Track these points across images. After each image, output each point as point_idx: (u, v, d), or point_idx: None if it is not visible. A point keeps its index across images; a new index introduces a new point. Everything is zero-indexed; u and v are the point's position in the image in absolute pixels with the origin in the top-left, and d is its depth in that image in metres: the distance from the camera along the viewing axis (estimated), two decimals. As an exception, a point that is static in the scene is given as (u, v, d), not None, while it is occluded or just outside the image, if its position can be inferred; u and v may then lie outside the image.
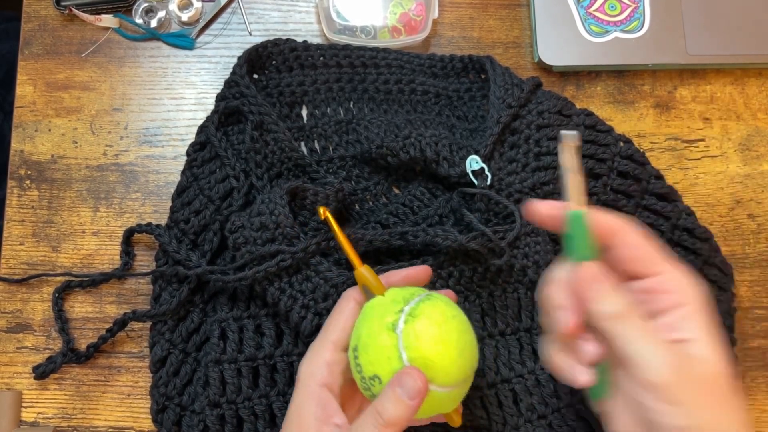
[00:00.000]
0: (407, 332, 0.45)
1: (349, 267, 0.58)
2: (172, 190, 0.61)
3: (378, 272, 0.52)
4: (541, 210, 0.46)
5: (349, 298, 0.50)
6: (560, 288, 0.45)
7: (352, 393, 0.49)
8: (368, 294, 0.50)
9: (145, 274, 0.60)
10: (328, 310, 0.53)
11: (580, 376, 0.44)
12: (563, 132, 0.45)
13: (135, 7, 0.67)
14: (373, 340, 0.46)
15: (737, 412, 0.42)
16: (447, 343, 0.45)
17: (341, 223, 0.62)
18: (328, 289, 0.55)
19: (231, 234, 0.56)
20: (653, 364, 0.41)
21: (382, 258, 0.59)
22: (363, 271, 0.50)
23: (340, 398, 0.48)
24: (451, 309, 0.47)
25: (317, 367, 0.48)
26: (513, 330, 0.57)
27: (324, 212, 0.55)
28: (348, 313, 0.50)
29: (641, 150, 0.62)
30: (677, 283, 0.43)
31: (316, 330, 0.53)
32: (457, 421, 0.50)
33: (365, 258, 0.59)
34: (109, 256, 0.63)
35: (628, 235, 0.44)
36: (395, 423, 0.44)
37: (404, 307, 0.46)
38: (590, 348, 0.44)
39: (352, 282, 0.55)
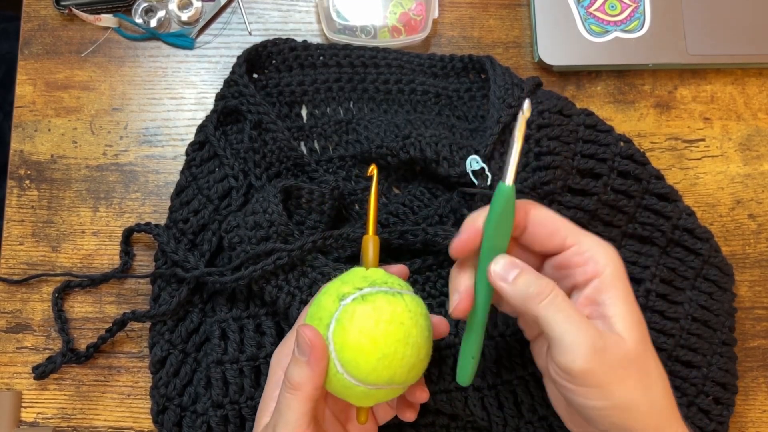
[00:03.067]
0: (347, 309, 0.44)
1: (349, 262, 0.59)
2: (172, 190, 0.61)
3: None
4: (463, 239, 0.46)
5: (304, 397, 0.46)
6: (462, 271, 0.46)
7: None
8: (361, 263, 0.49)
9: (143, 276, 0.60)
10: None
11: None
12: (527, 102, 0.44)
13: (135, 6, 0.67)
14: (321, 298, 0.46)
15: (654, 389, 0.43)
16: (373, 341, 0.43)
17: (341, 222, 0.62)
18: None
19: (226, 234, 0.56)
20: (573, 350, 0.41)
21: (382, 257, 0.59)
22: (369, 238, 0.49)
23: None
24: (410, 316, 0.45)
25: (284, 356, 0.48)
26: (513, 331, 0.57)
27: (373, 169, 0.51)
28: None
29: (641, 150, 0.62)
30: (591, 253, 0.44)
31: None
32: (361, 420, 0.48)
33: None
34: (109, 256, 0.63)
35: (539, 212, 0.45)
36: (299, 384, 0.44)
37: (366, 287, 0.45)
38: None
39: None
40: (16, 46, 0.67)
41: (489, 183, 0.58)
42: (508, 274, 0.44)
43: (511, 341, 0.57)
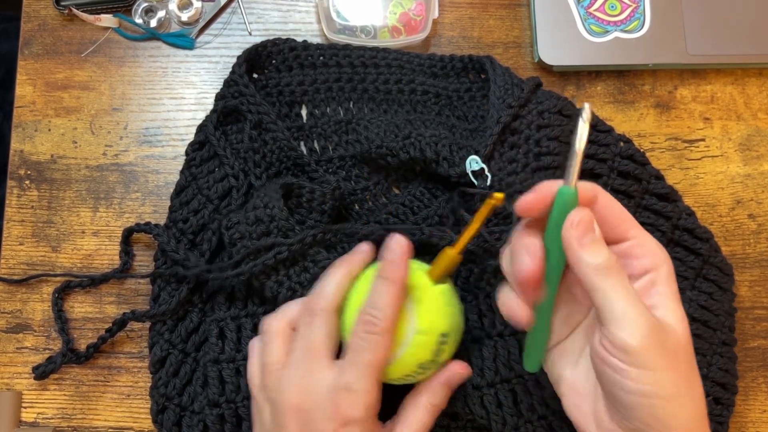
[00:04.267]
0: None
1: None
2: (172, 190, 0.61)
3: None
4: (535, 197, 0.45)
5: (329, 313, 0.50)
6: (528, 234, 0.45)
7: None
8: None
9: (143, 276, 0.60)
10: None
11: (522, 313, 0.46)
12: (586, 105, 0.43)
13: (135, 6, 0.67)
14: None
15: (696, 386, 0.43)
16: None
17: (341, 222, 0.62)
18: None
19: (227, 231, 0.56)
20: (633, 325, 0.41)
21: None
22: (451, 252, 0.51)
23: None
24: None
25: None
26: (512, 331, 0.57)
27: (499, 199, 0.49)
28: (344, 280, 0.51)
29: (641, 150, 0.62)
30: (648, 249, 0.44)
31: None
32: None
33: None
34: (109, 256, 0.63)
35: (608, 200, 0.45)
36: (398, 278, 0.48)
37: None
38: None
39: None
40: (16, 46, 0.67)
41: (489, 183, 0.58)
42: (585, 234, 0.42)
43: (510, 341, 0.57)
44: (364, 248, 0.53)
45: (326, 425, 0.46)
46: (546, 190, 0.44)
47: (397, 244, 0.49)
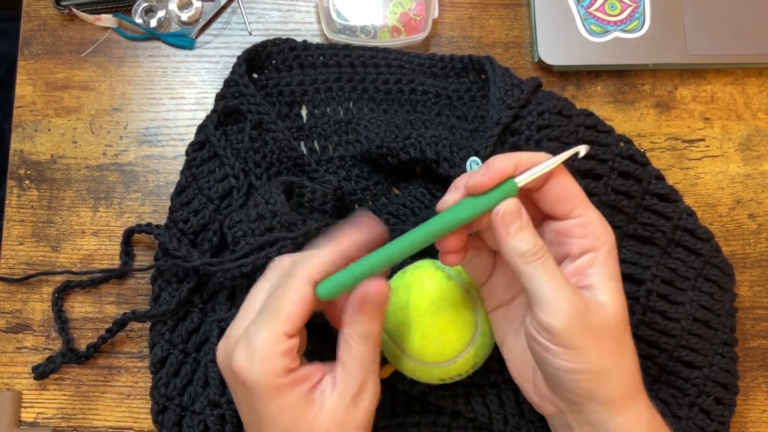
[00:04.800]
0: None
1: None
2: (172, 190, 0.61)
3: None
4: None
5: (304, 281, 0.45)
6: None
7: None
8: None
9: (146, 269, 0.60)
10: None
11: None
12: (583, 148, 0.47)
13: (135, 6, 0.67)
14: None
15: (625, 359, 0.45)
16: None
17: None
18: None
19: (229, 230, 0.56)
20: (556, 308, 0.43)
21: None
22: None
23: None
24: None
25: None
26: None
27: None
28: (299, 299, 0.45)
29: (642, 150, 0.62)
30: (590, 229, 0.45)
31: (321, 314, 0.53)
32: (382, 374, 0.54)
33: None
34: (109, 256, 0.63)
35: (561, 176, 0.46)
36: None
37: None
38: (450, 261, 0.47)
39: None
40: (16, 46, 0.67)
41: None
42: (512, 223, 0.44)
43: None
44: (373, 225, 0.48)
45: (231, 383, 0.45)
46: (497, 171, 0.44)
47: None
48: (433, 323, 0.49)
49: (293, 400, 0.43)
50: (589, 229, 0.45)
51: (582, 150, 0.46)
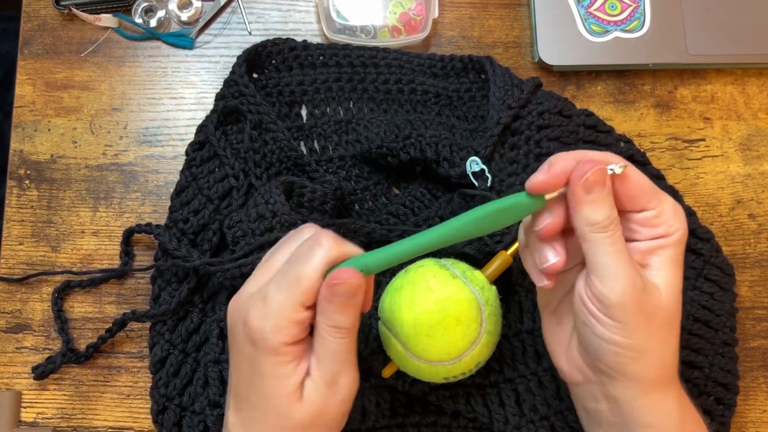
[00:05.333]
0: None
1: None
2: (172, 190, 0.61)
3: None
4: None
5: (328, 257, 0.44)
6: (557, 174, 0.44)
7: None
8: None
9: (146, 269, 0.60)
10: None
11: (539, 281, 0.47)
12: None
13: (134, 6, 0.67)
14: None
15: (668, 344, 0.45)
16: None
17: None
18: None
19: (229, 230, 0.56)
20: (614, 282, 0.43)
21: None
22: (504, 255, 0.54)
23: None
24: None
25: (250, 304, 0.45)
26: (515, 332, 0.57)
27: None
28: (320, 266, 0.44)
29: (642, 150, 0.62)
30: (664, 218, 0.45)
31: None
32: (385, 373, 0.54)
33: (365, 250, 0.60)
34: (109, 256, 0.63)
35: (633, 175, 0.45)
36: (352, 326, 0.45)
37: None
38: (550, 256, 0.45)
39: None
40: (16, 46, 0.67)
41: (489, 184, 0.58)
42: (593, 189, 0.43)
43: (514, 341, 0.57)
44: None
45: (239, 338, 0.45)
46: (560, 170, 0.43)
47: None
48: (438, 322, 0.49)
49: (284, 373, 0.43)
50: (662, 218, 0.45)
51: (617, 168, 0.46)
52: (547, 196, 0.44)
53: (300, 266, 0.44)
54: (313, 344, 0.45)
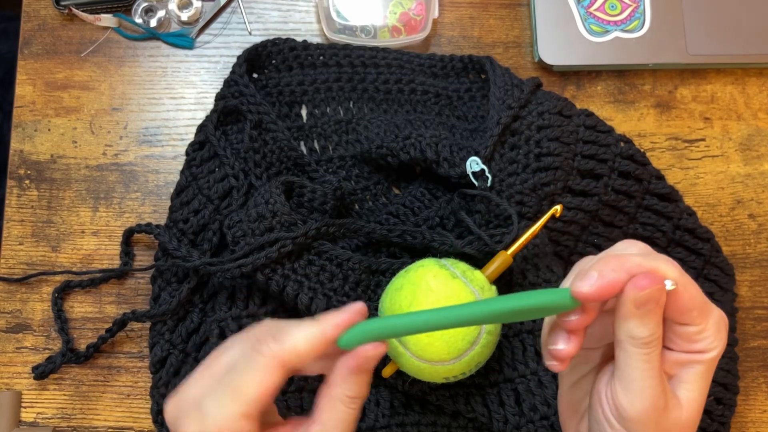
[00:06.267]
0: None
1: (355, 251, 0.59)
2: (172, 190, 0.61)
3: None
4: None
5: (276, 363, 0.40)
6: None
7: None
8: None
9: (146, 269, 0.60)
10: (335, 291, 0.54)
11: (547, 359, 0.44)
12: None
13: (134, 6, 0.67)
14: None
15: None
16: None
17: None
18: (333, 268, 0.55)
19: (229, 230, 0.56)
20: (637, 398, 0.41)
21: (381, 257, 0.59)
22: (504, 255, 0.54)
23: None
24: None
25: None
26: (515, 332, 0.57)
27: (559, 210, 0.56)
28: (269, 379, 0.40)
29: (642, 150, 0.62)
30: (706, 335, 0.42)
31: (326, 309, 0.53)
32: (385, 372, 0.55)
33: (365, 250, 0.60)
34: (109, 256, 0.63)
35: (689, 287, 0.42)
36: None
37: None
38: (560, 342, 0.42)
39: (357, 259, 0.56)
40: (16, 46, 0.67)
41: (489, 184, 0.58)
42: (646, 304, 0.40)
43: (514, 341, 0.57)
44: (357, 308, 0.42)
45: None
46: (610, 282, 0.40)
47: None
48: None
49: None
50: (703, 335, 0.42)
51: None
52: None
53: (240, 376, 0.40)
54: (316, 417, 0.42)
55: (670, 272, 0.41)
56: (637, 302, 0.39)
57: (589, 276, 0.40)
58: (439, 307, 0.41)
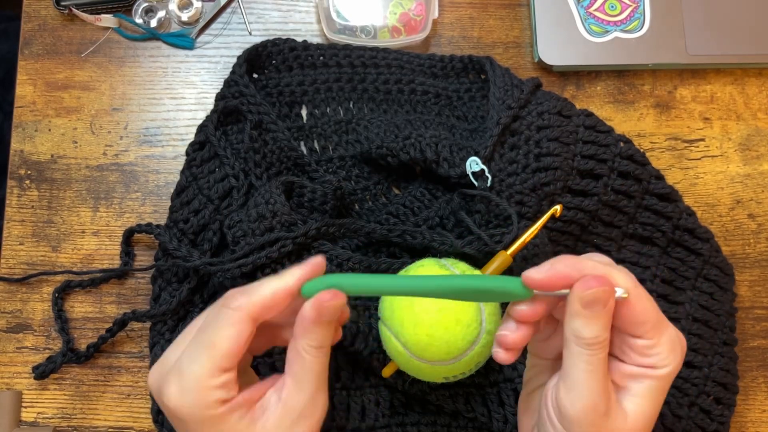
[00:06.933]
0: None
1: (356, 251, 0.59)
2: (172, 190, 0.61)
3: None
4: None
5: (242, 315, 0.43)
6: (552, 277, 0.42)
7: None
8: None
9: (146, 269, 0.60)
10: None
11: (494, 347, 0.45)
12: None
13: (135, 6, 0.67)
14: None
15: None
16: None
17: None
18: (333, 268, 0.55)
19: (230, 230, 0.56)
20: (577, 398, 0.41)
21: (381, 257, 0.59)
22: (503, 255, 0.54)
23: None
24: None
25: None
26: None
27: (559, 209, 0.56)
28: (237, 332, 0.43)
29: (641, 150, 0.62)
30: (658, 350, 0.42)
31: None
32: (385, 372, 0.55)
33: (365, 250, 0.60)
34: (109, 256, 0.63)
35: (641, 300, 0.42)
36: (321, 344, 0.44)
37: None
38: (508, 329, 0.44)
39: (357, 259, 0.56)
40: (16, 46, 0.67)
41: (489, 184, 0.58)
42: (594, 306, 0.41)
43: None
44: (316, 261, 0.45)
45: (165, 413, 0.43)
46: (561, 274, 0.42)
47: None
48: (438, 321, 0.50)
49: (231, 425, 0.42)
50: (655, 350, 0.42)
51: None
52: (536, 291, 0.42)
53: (212, 332, 0.43)
54: (287, 370, 0.44)
55: (622, 281, 0.42)
56: (583, 301, 0.41)
57: (542, 266, 0.42)
58: (401, 275, 0.44)
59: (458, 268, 0.52)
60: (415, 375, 0.53)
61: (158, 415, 0.58)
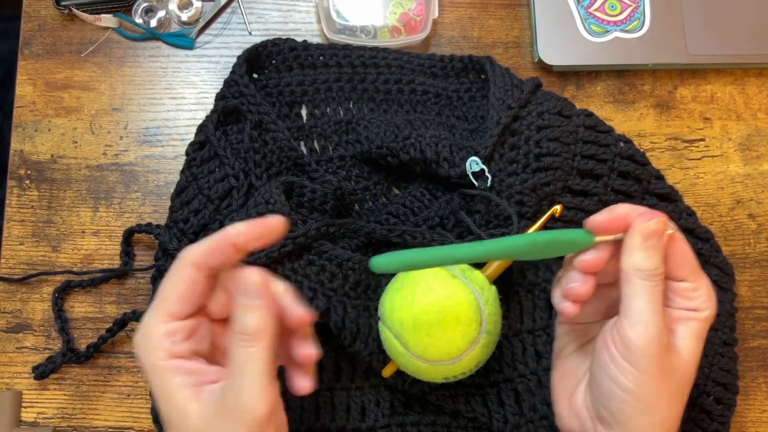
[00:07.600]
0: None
1: (356, 251, 0.59)
2: (172, 190, 0.61)
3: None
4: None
5: (186, 262, 0.44)
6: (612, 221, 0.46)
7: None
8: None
9: (146, 269, 0.60)
10: (335, 291, 0.54)
11: (559, 302, 0.48)
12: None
13: (135, 6, 0.67)
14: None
15: (675, 407, 0.46)
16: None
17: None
18: (333, 268, 0.55)
19: None
20: (644, 329, 0.44)
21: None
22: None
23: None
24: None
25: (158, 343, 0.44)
26: (515, 332, 0.57)
27: (558, 209, 0.57)
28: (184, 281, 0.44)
29: (641, 150, 0.62)
30: (699, 294, 0.46)
31: (327, 310, 0.53)
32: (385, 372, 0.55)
33: (365, 250, 0.60)
34: (109, 256, 0.63)
35: (681, 243, 0.46)
36: (257, 332, 0.42)
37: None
38: (578, 280, 0.47)
39: (357, 259, 0.56)
40: (16, 46, 0.67)
41: (489, 184, 0.58)
42: (651, 238, 0.45)
43: (514, 341, 0.57)
44: (271, 219, 0.45)
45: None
46: (622, 215, 0.46)
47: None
48: (438, 321, 0.50)
49: (171, 386, 0.42)
50: (697, 293, 0.46)
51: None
52: (597, 238, 0.46)
53: (163, 283, 0.44)
54: (228, 357, 0.43)
55: (669, 223, 0.46)
56: (644, 233, 0.45)
57: (602, 212, 0.46)
58: (467, 243, 0.46)
59: (458, 267, 0.52)
60: (415, 375, 0.53)
61: (158, 415, 0.57)
